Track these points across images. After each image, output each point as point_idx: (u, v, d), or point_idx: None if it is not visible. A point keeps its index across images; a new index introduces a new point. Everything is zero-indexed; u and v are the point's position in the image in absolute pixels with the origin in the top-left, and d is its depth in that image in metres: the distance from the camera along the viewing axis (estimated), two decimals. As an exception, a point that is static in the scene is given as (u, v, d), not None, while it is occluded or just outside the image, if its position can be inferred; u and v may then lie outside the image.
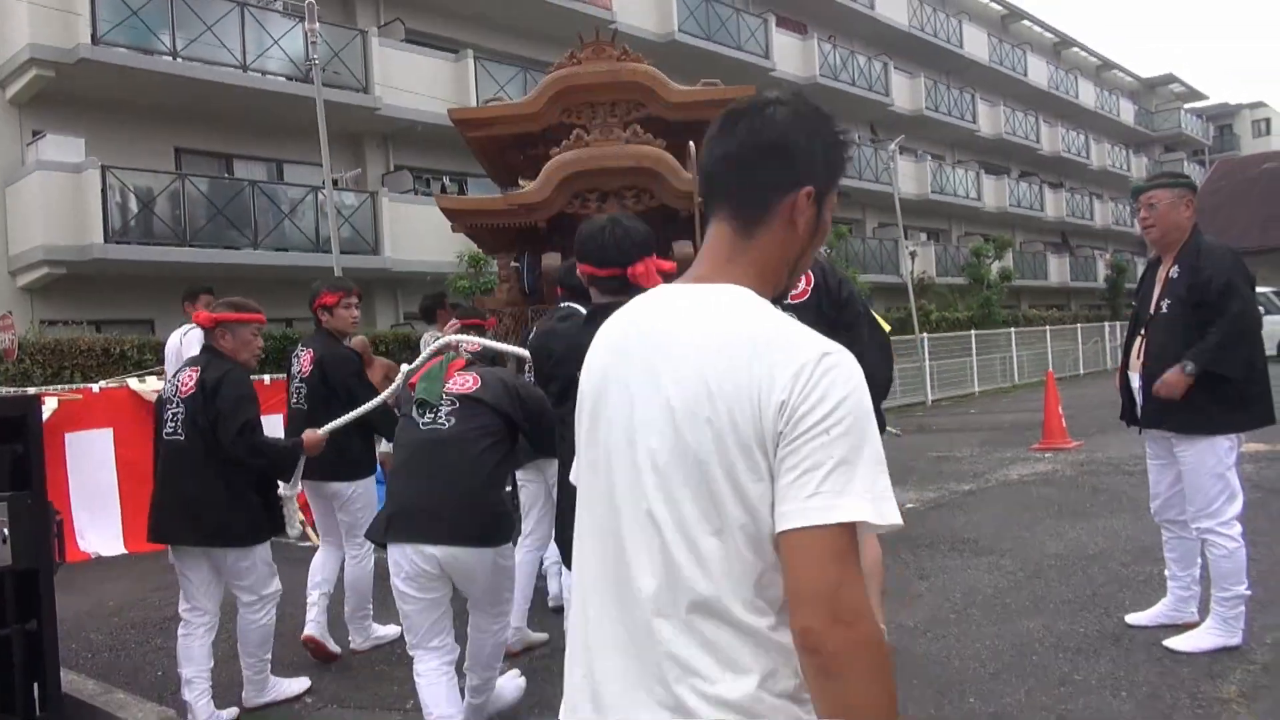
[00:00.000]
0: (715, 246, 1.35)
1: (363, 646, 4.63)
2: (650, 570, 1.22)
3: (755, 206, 1.32)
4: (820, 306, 2.75)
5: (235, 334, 3.87)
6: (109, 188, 13.22)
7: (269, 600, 3.87)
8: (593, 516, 1.33)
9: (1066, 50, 39.84)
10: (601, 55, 7.29)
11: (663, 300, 1.35)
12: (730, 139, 1.33)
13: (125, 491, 7.67)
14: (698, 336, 1.25)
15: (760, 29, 23.78)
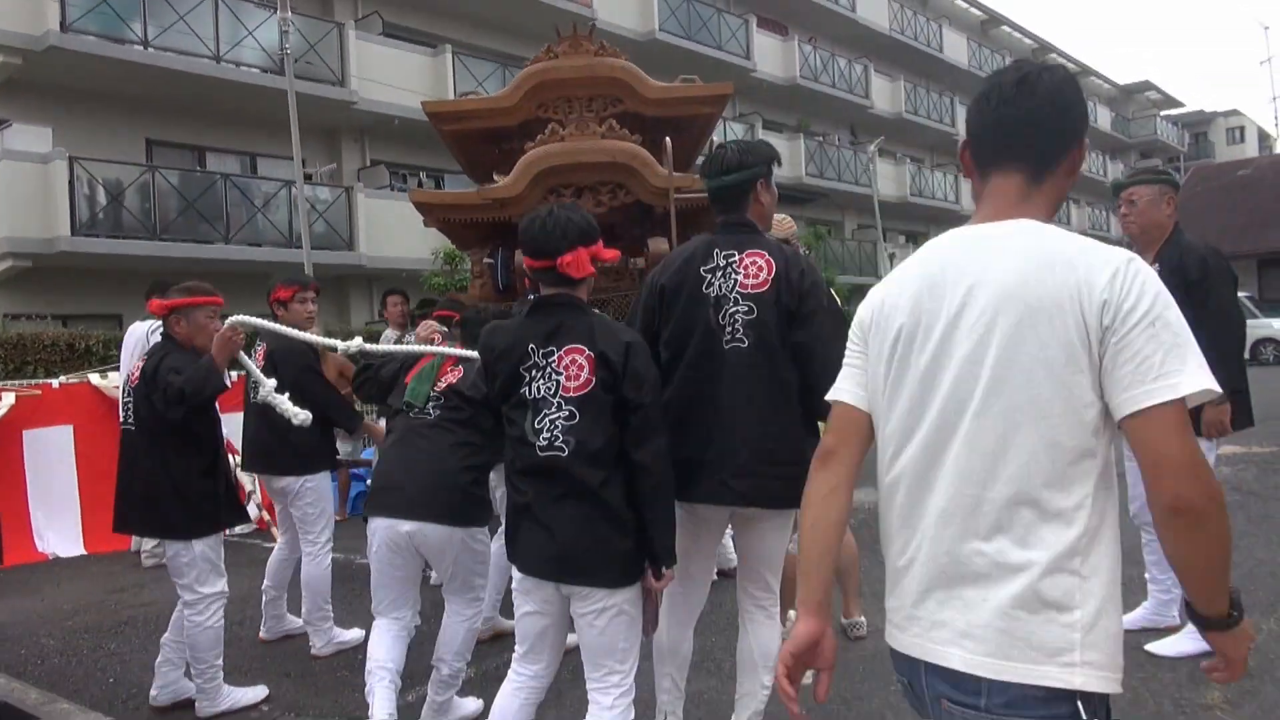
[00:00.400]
0: (1003, 193, 1.56)
1: (323, 651, 4.48)
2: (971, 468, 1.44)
3: (1052, 157, 1.55)
4: (779, 298, 2.68)
5: (190, 319, 3.73)
6: (77, 179, 12.97)
7: (212, 600, 3.64)
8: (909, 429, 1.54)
9: (1045, 56, 40.02)
10: (579, 50, 7.16)
11: (965, 237, 1.57)
12: (1032, 99, 1.52)
13: (85, 491, 7.45)
14: (1012, 259, 1.46)
15: (741, 29, 23.73)
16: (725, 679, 3.80)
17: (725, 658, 4.04)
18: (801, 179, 24.68)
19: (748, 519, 2.83)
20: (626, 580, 2.48)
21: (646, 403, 2.45)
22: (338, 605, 5.16)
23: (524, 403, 2.51)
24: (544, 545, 2.47)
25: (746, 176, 2.82)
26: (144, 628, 5.07)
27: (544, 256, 2.53)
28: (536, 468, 2.48)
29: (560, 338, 2.49)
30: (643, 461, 2.44)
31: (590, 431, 2.43)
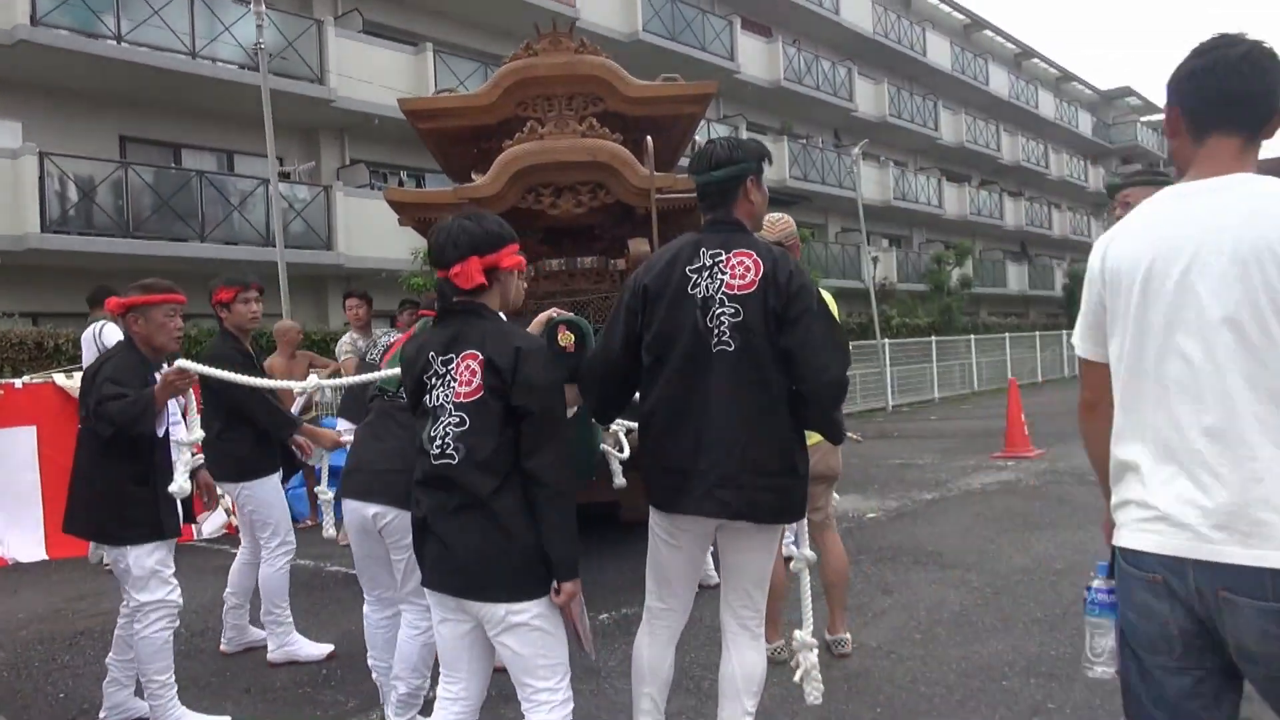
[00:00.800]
0: (1220, 154, 1.77)
1: (274, 657, 4.34)
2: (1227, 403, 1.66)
3: (1266, 122, 1.78)
4: (765, 299, 2.55)
5: (147, 317, 3.54)
6: (47, 174, 12.71)
7: (151, 609, 3.41)
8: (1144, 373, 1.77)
9: (1027, 61, 40.24)
10: (559, 47, 7.01)
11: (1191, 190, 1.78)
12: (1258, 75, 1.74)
13: (49, 494, 7.23)
14: (1244, 208, 1.69)
15: (725, 30, 23.63)
16: (704, 698, 3.67)
17: (704, 675, 3.91)
18: (785, 181, 24.60)
19: (735, 532, 2.69)
20: (525, 594, 2.33)
21: (536, 411, 2.33)
22: (304, 615, 5.01)
23: (425, 411, 2.45)
24: (442, 559, 2.37)
25: (736, 172, 2.70)
26: (100, 639, 4.87)
27: (440, 265, 2.47)
28: (431, 477, 2.38)
29: (458, 345, 2.42)
30: (533, 471, 2.32)
31: (479, 438, 2.33)
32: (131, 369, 3.47)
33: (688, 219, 7.02)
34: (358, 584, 5.47)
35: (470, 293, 2.46)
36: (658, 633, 2.86)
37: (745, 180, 2.71)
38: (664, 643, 2.85)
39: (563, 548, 2.33)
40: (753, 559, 2.74)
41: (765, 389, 2.55)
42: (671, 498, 2.62)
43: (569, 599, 2.35)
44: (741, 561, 2.74)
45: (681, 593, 2.83)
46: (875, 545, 6.12)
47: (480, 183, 6.49)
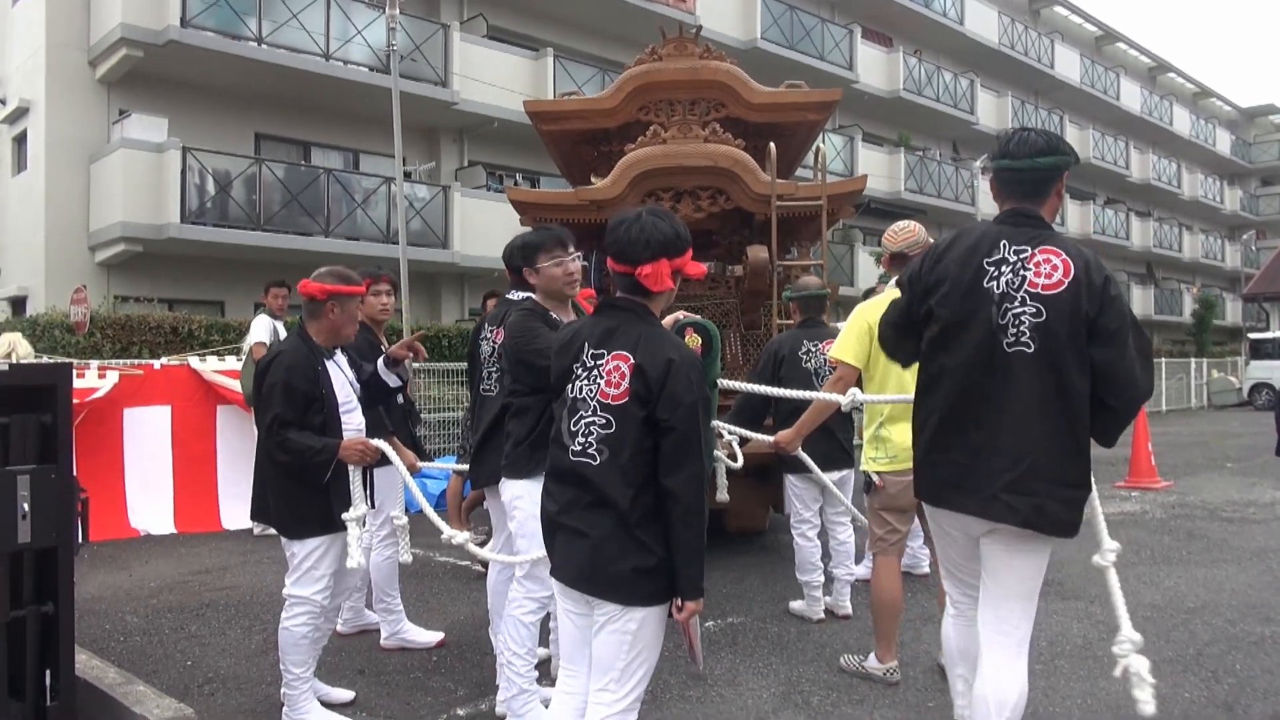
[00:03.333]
0: None
1: (387, 643, 4.46)
2: None
3: None
4: (1078, 304, 2.44)
5: (344, 307, 3.54)
6: (188, 169, 13.38)
7: (298, 604, 3.46)
8: None
9: (1162, 75, 38.48)
10: (683, 52, 7.03)
11: None
12: None
13: (179, 471, 7.63)
14: None
15: (845, 40, 23.31)
16: (814, 713, 3.59)
17: (814, 690, 3.83)
18: (900, 194, 24.11)
19: (1009, 538, 2.56)
20: (639, 601, 2.31)
21: (679, 427, 2.27)
22: (414, 603, 5.13)
23: (565, 401, 2.42)
24: (570, 551, 2.37)
25: (1059, 163, 2.60)
26: (225, 611, 5.09)
27: (625, 262, 2.40)
28: (568, 472, 2.37)
29: (613, 342, 2.37)
30: (672, 488, 2.27)
31: (623, 444, 2.30)
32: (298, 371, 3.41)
33: (808, 227, 6.95)
34: (466, 574, 5.60)
35: (645, 294, 2.41)
36: (963, 619, 2.85)
37: (1063, 174, 2.64)
38: (970, 627, 2.79)
39: (691, 566, 2.29)
40: (1026, 568, 2.61)
41: (1066, 396, 2.46)
42: (946, 494, 2.60)
43: (690, 616, 2.32)
44: (1014, 568, 2.61)
45: (975, 579, 2.76)
46: (990, 570, 5.91)
47: (601, 185, 6.54)
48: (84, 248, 13.82)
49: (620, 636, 2.32)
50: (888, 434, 3.76)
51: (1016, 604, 2.61)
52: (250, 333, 7.44)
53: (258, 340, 7.24)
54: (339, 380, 3.56)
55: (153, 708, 3.03)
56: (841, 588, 4.93)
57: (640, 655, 2.34)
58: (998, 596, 2.63)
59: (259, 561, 6.35)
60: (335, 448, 3.36)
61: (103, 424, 7.24)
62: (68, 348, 9.65)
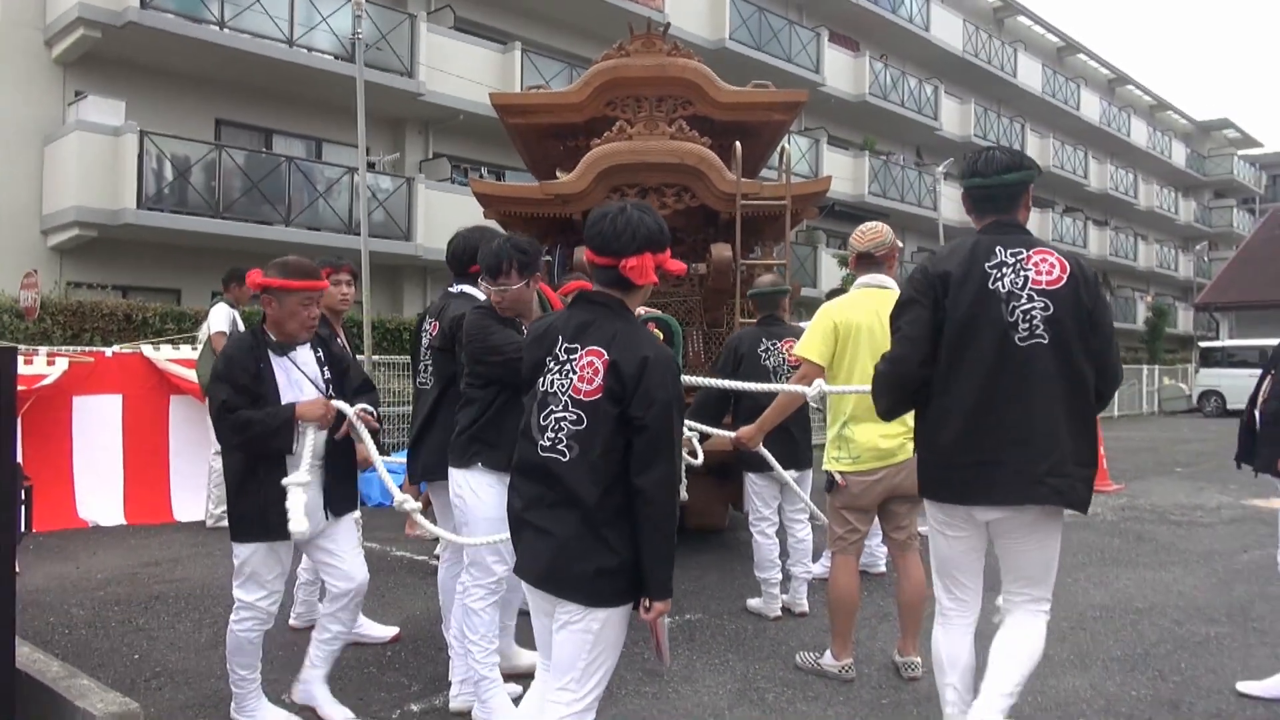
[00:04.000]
0: None
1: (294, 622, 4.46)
2: None
3: None
4: (1079, 297, 2.67)
5: (281, 302, 3.30)
6: (146, 153, 13.11)
7: (243, 608, 3.32)
8: None
9: (1121, 87, 39.17)
10: (651, 49, 7.02)
11: None
12: None
13: (130, 460, 7.47)
14: None
15: (812, 42, 23.44)
16: (769, 710, 3.60)
17: (769, 687, 3.84)
18: (864, 197, 24.30)
19: (1031, 521, 2.74)
20: (599, 602, 2.28)
21: (652, 426, 2.24)
22: (370, 597, 5.04)
23: (535, 395, 2.40)
24: (534, 550, 2.35)
25: (1025, 177, 2.82)
26: (174, 604, 5.00)
27: (608, 254, 2.37)
28: (535, 467, 2.34)
29: (587, 336, 2.35)
30: (643, 488, 2.23)
31: (593, 440, 2.27)
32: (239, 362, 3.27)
33: (771, 226, 6.97)
34: (423, 569, 5.54)
35: (625, 288, 2.39)
36: (952, 627, 2.92)
37: (1029, 186, 2.83)
38: (960, 635, 2.91)
39: (661, 567, 2.27)
40: (1048, 544, 2.81)
41: (1079, 381, 2.68)
42: (980, 490, 2.69)
43: (658, 616, 2.30)
44: (1037, 546, 2.80)
45: (971, 584, 2.91)
46: (945, 570, 5.98)
47: (566, 179, 6.52)
48: (36, 231, 13.49)
49: (582, 636, 2.30)
50: (851, 434, 3.78)
51: (1048, 575, 2.85)
52: (209, 320, 7.27)
53: (218, 330, 7.08)
54: (288, 379, 3.32)
55: (96, 702, 2.96)
56: (799, 585, 4.95)
57: (601, 656, 2.32)
58: (1027, 576, 2.84)
59: (210, 554, 6.25)
60: (290, 409, 3.21)
61: (51, 412, 7.08)
62: (16, 333, 9.41)
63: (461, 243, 3.78)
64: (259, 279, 3.30)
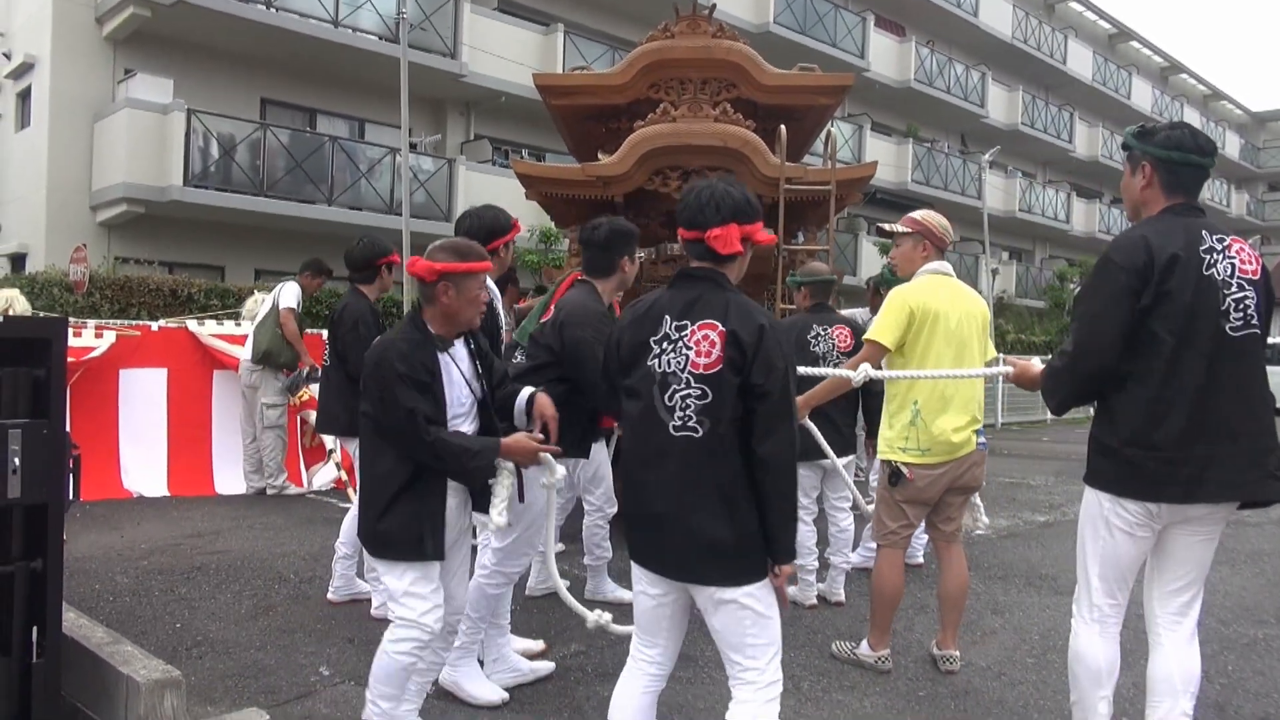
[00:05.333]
0: None
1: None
2: None
3: None
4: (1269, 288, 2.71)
5: (460, 288, 2.92)
6: (193, 131, 13.29)
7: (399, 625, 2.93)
8: None
9: (1174, 76, 38.27)
10: (696, 30, 6.97)
11: None
12: None
13: (174, 433, 7.59)
14: None
15: (858, 27, 23.14)
16: (804, 699, 3.58)
17: (804, 675, 3.82)
18: (907, 185, 24.01)
19: (1221, 518, 2.72)
20: (744, 580, 2.31)
21: (774, 392, 2.26)
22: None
23: (650, 376, 2.38)
24: (661, 538, 2.36)
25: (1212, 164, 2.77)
26: (215, 576, 5.07)
27: (694, 227, 2.43)
28: (666, 451, 2.33)
29: (696, 312, 2.36)
30: (766, 455, 2.26)
31: (721, 413, 2.28)
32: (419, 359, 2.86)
33: (814, 212, 6.90)
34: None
35: (716, 259, 2.42)
36: (1110, 635, 2.82)
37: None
38: (1116, 643, 2.84)
39: (787, 532, 2.31)
40: (1210, 545, 2.77)
41: (1266, 375, 2.72)
42: (1207, 485, 2.60)
43: (786, 579, 2.35)
44: (1200, 547, 2.75)
45: (1131, 586, 2.83)
46: (985, 563, 5.89)
47: (609, 161, 6.50)
48: (85, 207, 13.75)
49: (739, 612, 2.32)
50: (922, 425, 3.63)
51: (1201, 578, 2.79)
52: (280, 295, 7.41)
53: (288, 306, 7.32)
54: (449, 379, 2.94)
55: (139, 668, 3.00)
56: (836, 575, 4.91)
57: (767, 623, 2.35)
58: (1186, 578, 2.77)
59: (251, 527, 6.33)
60: (496, 448, 2.88)
61: (98, 384, 7.20)
62: (66, 306, 9.60)
63: (475, 222, 3.68)
64: (430, 266, 2.90)
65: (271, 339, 7.30)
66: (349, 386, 4.43)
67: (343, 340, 4.47)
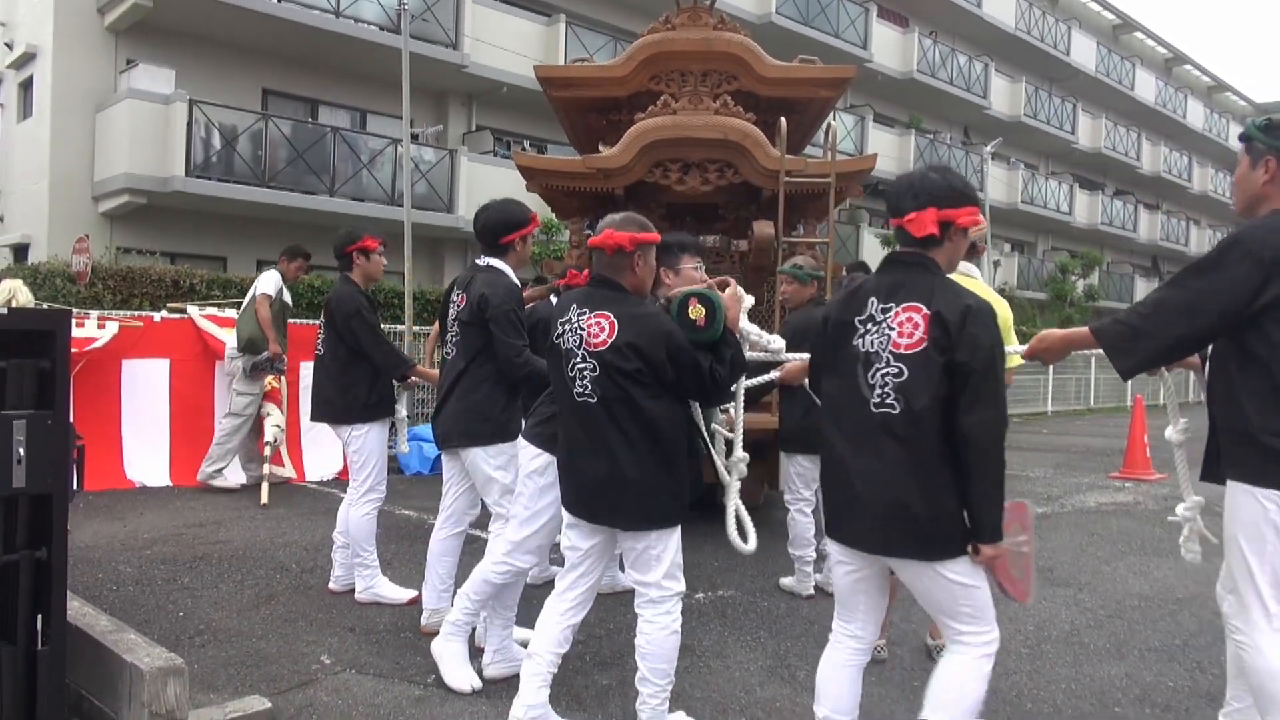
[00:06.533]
0: None
1: (361, 597, 4.52)
2: None
3: None
4: None
5: (647, 261, 3.06)
6: (195, 121, 13.28)
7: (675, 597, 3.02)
8: None
9: (1178, 67, 38.16)
10: (697, 22, 6.96)
11: None
12: None
13: (176, 423, 7.64)
14: None
15: (860, 18, 23.08)
16: (799, 687, 3.61)
17: (800, 665, 3.85)
18: (909, 177, 23.96)
19: None
20: (942, 555, 2.39)
21: (979, 369, 2.33)
22: (404, 563, 5.17)
23: (855, 355, 2.49)
24: (863, 511, 2.44)
25: None
26: (218, 565, 5.11)
27: (895, 214, 2.55)
28: (867, 425, 2.43)
29: (900, 294, 2.45)
30: (970, 429, 2.33)
31: (919, 391, 2.36)
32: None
33: (815, 205, 6.91)
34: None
35: (921, 244, 2.50)
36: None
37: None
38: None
39: (991, 511, 2.36)
40: None
41: None
42: None
43: (988, 561, 2.39)
44: None
45: None
46: (981, 554, 5.94)
47: (609, 154, 6.50)
48: (88, 197, 13.76)
49: (947, 584, 2.41)
50: None
51: None
52: (258, 283, 7.41)
53: (264, 292, 7.26)
54: None
55: (143, 656, 3.03)
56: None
57: (975, 592, 2.43)
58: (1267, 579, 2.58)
59: (253, 517, 6.38)
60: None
61: (101, 374, 7.24)
62: (69, 297, 9.62)
63: (494, 214, 3.77)
64: (632, 237, 2.95)
65: (254, 327, 7.25)
66: (345, 373, 4.48)
67: (350, 331, 4.47)
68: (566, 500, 3.02)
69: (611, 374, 2.83)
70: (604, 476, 2.85)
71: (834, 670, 2.69)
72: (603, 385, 2.85)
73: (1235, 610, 2.71)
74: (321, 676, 3.59)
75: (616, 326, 2.86)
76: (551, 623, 3.03)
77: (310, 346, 7.18)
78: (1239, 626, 2.69)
